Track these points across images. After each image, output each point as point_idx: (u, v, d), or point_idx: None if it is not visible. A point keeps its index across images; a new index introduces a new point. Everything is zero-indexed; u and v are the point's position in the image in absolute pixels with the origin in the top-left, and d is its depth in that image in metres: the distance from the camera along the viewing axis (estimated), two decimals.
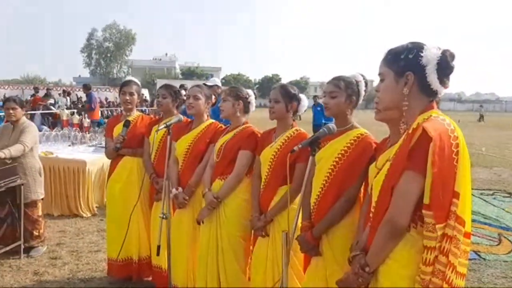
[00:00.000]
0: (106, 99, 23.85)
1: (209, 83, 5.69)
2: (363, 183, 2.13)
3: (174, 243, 2.76)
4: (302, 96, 2.56)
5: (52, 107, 13.62)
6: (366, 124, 2.29)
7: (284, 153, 2.41)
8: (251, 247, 2.75)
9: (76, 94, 19.31)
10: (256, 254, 2.59)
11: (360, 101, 2.24)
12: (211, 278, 2.72)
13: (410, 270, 1.46)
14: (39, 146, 4.34)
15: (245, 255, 2.72)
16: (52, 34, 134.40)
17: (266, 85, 60.13)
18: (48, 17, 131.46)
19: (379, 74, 1.63)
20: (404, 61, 1.54)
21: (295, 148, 1.82)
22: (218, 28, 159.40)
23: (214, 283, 2.71)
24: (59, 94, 18.17)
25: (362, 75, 2.24)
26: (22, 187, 3.85)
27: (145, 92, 25.68)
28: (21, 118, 4.01)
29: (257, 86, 66.97)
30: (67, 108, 13.19)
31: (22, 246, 3.94)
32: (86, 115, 9.33)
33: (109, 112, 18.83)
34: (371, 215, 1.67)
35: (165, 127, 2.65)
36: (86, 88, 11.51)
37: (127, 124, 3.19)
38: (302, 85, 63.10)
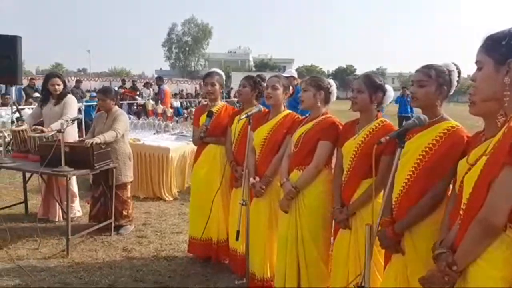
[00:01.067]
0: (182, 90, 25.06)
1: (285, 74, 5.71)
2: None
3: (251, 231, 2.84)
4: (388, 87, 2.47)
5: (138, 97, 14.68)
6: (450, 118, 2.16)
7: (368, 145, 2.34)
8: (331, 238, 2.73)
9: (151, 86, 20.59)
10: (338, 247, 2.56)
11: (451, 92, 2.11)
12: (290, 267, 2.73)
13: (504, 272, 1.37)
14: (129, 133, 4.70)
15: (325, 246, 2.71)
16: (136, 29, 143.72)
17: (340, 77, 58.66)
18: (132, 14, 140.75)
19: (477, 62, 1.52)
20: (506, 48, 1.42)
21: (382, 139, 1.76)
22: (290, 19, 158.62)
23: (293, 272, 2.72)
24: (143, 86, 19.43)
25: (455, 64, 2.10)
26: (114, 170, 4.19)
27: None
28: (112, 107, 4.33)
29: (330, 77, 65.63)
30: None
31: (113, 224, 4.30)
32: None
33: (188, 103, 19.74)
34: (461, 212, 1.58)
35: (246, 117, 2.73)
36: (159, 81, 12.73)
37: (210, 114, 3.35)
38: None
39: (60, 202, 4.50)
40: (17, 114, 6.86)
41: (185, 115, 16.95)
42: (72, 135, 4.52)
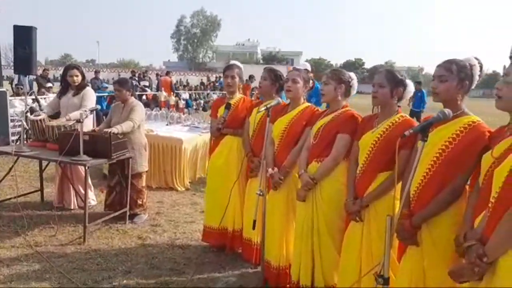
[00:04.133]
0: (188, 83, 25.29)
1: (299, 68, 5.70)
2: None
3: (268, 220, 2.88)
4: (408, 81, 2.47)
5: (147, 88, 14.78)
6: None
7: (386, 139, 2.35)
8: None
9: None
10: (349, 238, 2.58)
11: (473, 86, 2.12)
12: (305, 257, 2.77)
13: None
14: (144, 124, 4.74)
15: (340, 236, 2.71)
16: (145, 21, 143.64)
17: (348, 70, 57.92)
18: (141, 6, 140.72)
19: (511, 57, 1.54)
20: None
21: (407, 133, 1.78)
22: (299, 12, 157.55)
23: (308, 262, 2.76)
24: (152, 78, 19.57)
25: (477, 59, 2.10)
26: (130, 160, 4.24)
27: None
28: (128, 98, 4.36)
29: None
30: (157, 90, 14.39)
31: (128, 213, 4.37)
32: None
33: (196, 95, 19.83)
34: (490, 205, 1.61)
35: (265, 109, 2.76)
36: (167, 73, 13.78)
37: (228, 106, 3.40)
38: None
39: (76, 191, 4.56)
40: (35, 104, 6.92)
41: (194, 107, 17.06)
42: (88, 125, 4.56)
